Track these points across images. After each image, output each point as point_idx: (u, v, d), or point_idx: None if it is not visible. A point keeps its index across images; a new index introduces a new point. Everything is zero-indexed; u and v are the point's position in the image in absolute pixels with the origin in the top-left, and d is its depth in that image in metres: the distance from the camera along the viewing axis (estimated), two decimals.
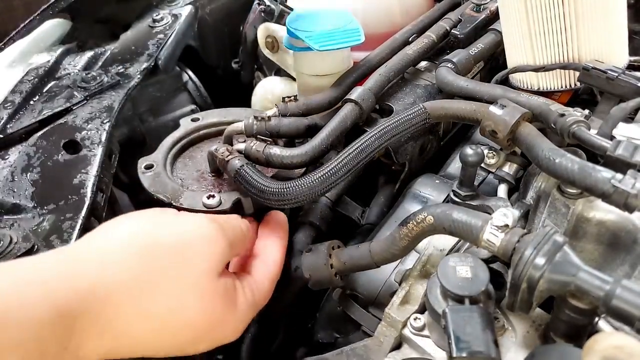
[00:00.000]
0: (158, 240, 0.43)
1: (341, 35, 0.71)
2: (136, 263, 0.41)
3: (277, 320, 0.80)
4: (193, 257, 0.44)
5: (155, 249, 0.42)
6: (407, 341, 0.52)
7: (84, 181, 0.63)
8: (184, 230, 0.45)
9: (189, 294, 0.44)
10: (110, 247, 0.42)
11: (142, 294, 0.41)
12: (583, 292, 0.41)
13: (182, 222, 0.46)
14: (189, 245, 0.44)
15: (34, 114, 0.72)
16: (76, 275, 0.40)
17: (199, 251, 0.45)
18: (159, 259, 0.42)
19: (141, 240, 0.43)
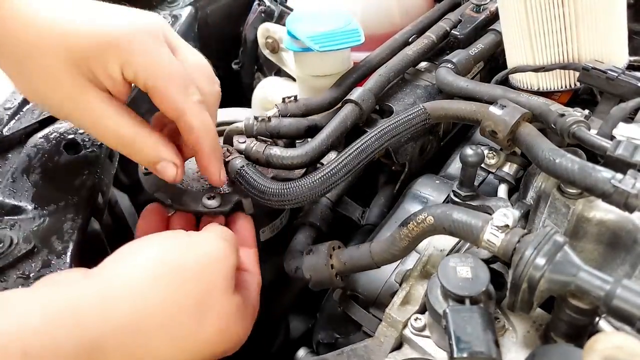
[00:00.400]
0: (181, 266, 0.44)
1: (341, 36, 0.71)
2: (163, 292, 0.43)
3: (277, 320, 0.80)
4: (212, 279, 0.45)
5: (179, 275, 0.44)
6: (408, 341, 0.52)
7: (84, 182, 0.63)
8: (202, 253, 0.46)
9: (209, 314, 0.45)
10: (138, 277, 0.43)
11: (170, 321, 0.43)
12: (583, 292, 0.41)
13: (198, 245, 0.47)
14: (207, 268, 0.45)
15: (34, 115, 0.72)
16: (108, 310, 0.40)
17: (217, 272, 0.46)
18: (183, 285, 0.44)
19: (166, 268, 0.43)
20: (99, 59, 0.45)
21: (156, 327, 0.42)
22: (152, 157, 0.52)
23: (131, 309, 0.41)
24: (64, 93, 0.47)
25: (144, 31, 0.47)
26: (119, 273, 0.43)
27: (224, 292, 0.46)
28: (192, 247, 0.46)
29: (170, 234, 0.48)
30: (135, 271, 0.43)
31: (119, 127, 0.49)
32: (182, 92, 0.49)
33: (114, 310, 0.40)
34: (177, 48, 0.53)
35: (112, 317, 0.40)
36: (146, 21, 0.49)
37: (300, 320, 0.84)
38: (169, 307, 0.43)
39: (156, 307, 0.42)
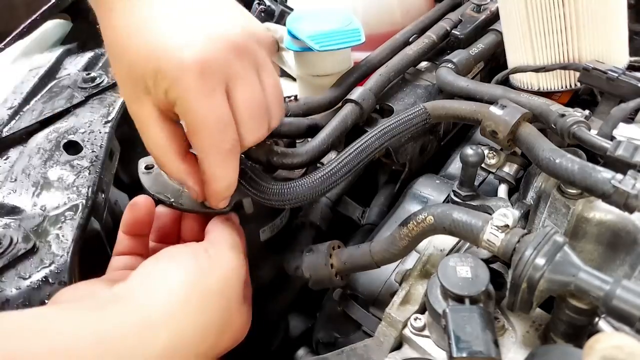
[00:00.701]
0: (206, 288, 0.45)
1: (341, 36, 0.71)
2: (193, 315, 0.44)
3: (277, 320, 0.80)
4: (232, 295, 0.48)
5: (205, 297, 0.45)
6: (408, 341, 0.52)
7: (84, 182, 0.63)
8: (222, 272, 0.47)
9: (228, 328, 0.48)
10: (173, 302, 0.43)
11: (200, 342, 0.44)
12: (583, 292, 0.41)
13: (217, 263, 0.48)
14: (227, 286, 0.47)
15: (35, 115, 0.72)
16: (148, 339, 0.41)
17: (235, 287, 0.48)
18: (210, 306, 0.45)
19: (196, 292, 0.45)
20: (151, 80, 0.46)
21: (188, 348, 0.43)
22: (176, 178, 0.54)
23: (169, 336, 0.42)
24: (126, 96, 0.49)
25: (198, 68, 0.44)
26: (155, 297, 0.43)
27: (240, 305, 0.49)
28: (213, 268, 0.47)
29: (189, 253, 0.48)
30: (170, 297, 0.43)
31: (154, 142, 0.50)
32: (208, 139, 0.47)
33: (154, 339, 0.41)
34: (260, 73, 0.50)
35: (153, 346, 0.41)
36: (211, 55, 0.45)
37: (300, 319, 0.84)
38: (199, 329, 0.44)
39: (188, 331, 0.43)
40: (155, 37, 0.45)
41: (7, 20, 1.70)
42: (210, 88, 0.45)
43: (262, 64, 0.50)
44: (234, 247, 0.51)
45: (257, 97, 0.49)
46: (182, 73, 0.44)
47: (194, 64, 0.44)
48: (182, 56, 0.44)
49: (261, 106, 0.49)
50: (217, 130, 0.47)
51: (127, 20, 0.47)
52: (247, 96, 0.48)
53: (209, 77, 0.45)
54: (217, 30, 0.46)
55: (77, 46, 0.92)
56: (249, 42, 0.48)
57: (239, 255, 0.50)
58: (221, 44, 0.46)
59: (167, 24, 0.46)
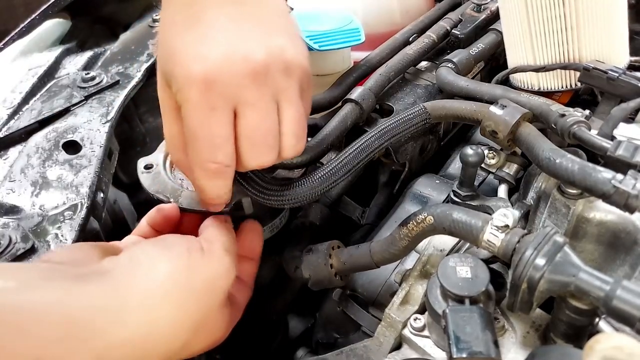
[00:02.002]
0: (189, 287, 0.45)
1: (341, 35, 0.71)
2: (170, 310, 0.43)
3: (276, 320, 0.80)
4: (213, 299, 0.47)
5: (186, 296, 0.45)
6: (407, 341, 0.52)
7: (83, 181, 0.63)
8: (208, 275, 0.47)
9: (203, 330, 0.47)
10: (152, 291, 0.43)
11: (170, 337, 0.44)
12: (583, 293, 0.41)
13: (209, 264, 0.47)
14: (211, 289, 0.47)
15: (34, 114, 0.72)
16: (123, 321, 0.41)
17: (218, 292, 0.48)
18: (188, 305, 0.45)
19: (177, 287, 0.44)
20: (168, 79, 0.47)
21: (159, 342, 0.43)
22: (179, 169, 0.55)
23: (138, 325, 0.41)
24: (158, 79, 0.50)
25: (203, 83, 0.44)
26: (136, 283, 0.43)
27: (219, 309, 0.49)
28: (202, 267, 0.47)
29: (185, 247, 0.47)
30: (151, 285, 0.43)
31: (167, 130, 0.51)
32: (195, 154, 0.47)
33: (123, 325, 0.41)
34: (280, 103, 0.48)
35: (119, 333, 0.40)
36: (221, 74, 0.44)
37: (300, 320, 0.84)
38: (174, 324, 0.44)
39: (163, 324, 0.43)
40: (179, 42, 0.46)
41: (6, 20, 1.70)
42: (211, 106, 0.44)
43: (284, 93, 0.47)
44: (228, 250, 0.50)
45: (266, 126, 0.47)
46: (187, 83, 0.44)
47: (200, 78, 0.44)
48: (191, 67, 0.44)
49: (268, 135, 0.47)
50: (205, 147, 0.46)
51: (171, 16, 0.48)
52: (253, 124, 0.46)
53: (213, 95, 0.44)
54: (238, 50, 0.45)
55: (76, 45, 0.92)
56: (272, 68, 0.45)
57: (231, 258, 0.50)
58: (237, 66, 0.44)
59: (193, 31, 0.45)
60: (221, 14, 0.46)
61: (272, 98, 0.47)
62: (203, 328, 0.47)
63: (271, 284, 0.75)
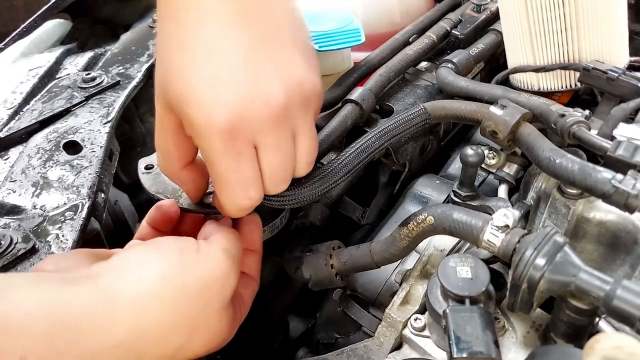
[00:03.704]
0: (183, 287, 0.44)
1: (341, 36, 0.71)
2: (162, 311, 0.43)
3: (277, 320, 0.80)
4: (210, 301, 0.45)
5: (179, 296, 0.43)
6: (408, 341, 0.52)
7: (84, 182, 0.63)
8: (204, 275, 0.45)
9: (200, 332, 0.46)
10: (143, 292, 0.42)
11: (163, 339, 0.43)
12: (583, 293, 0.41)
13: (203, 264, 0.46)
14: (207, 290, 0.45)
15: (34, 115, 0.72)
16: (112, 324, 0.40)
17: (215, 294, 0.46)
18: (181, 306, 0.44)
19: (169, 288, 0.43)
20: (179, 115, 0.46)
21: (149, 344, 0.42)
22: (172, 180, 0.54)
23: (128, 329, 0.41)
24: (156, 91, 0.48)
25: (227, 132, 0.43)
26: (125, 285, 0.42)
27: (218, 312, 0.47)
28: (196, 266, 0.45)
29: (178, 248, 0.46)
30: (141, 287, 0.42)
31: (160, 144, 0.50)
32: (228, 196, 0.48)
33: (118, 325, 0.40)
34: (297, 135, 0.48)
35: (115, 331, 0.40)
36: (241, 119, 0.43)
37: (300, 320, 0.84)
38: (165, 326, 0.43)
39: (153, 325, 0.42)
40: (189, 85, 0.43)
41: (6, 21, 1.70)
42: (237, 152, 0.44)
43: (302, 127, 0.47)
44: (229, 250, 0.49)
45: (285, 164, 0.47)
46: (209, 133, 0.43)
47: (222, 127, 0.42)
48: (212, 116, 0.42)
49: (287, 171, 0.48)
50: (238, 190, 0.47)
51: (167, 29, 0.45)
52: (275, 165, 0.46)
53: (236, 141, 0.44)
54: (252, 91, 0.43)
55: (77, 46, 0.92)
56: (289, 106, 0.44)
57: (231, 260, 0.48)
58: (254, 109, 0.43)
59: (203, 73, 0.43)
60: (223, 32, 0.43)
61: (291, 133, 0.46)
62: (200, 330, 0.46)
63: (272, 285, 0.75)
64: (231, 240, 0.50)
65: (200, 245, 0.47)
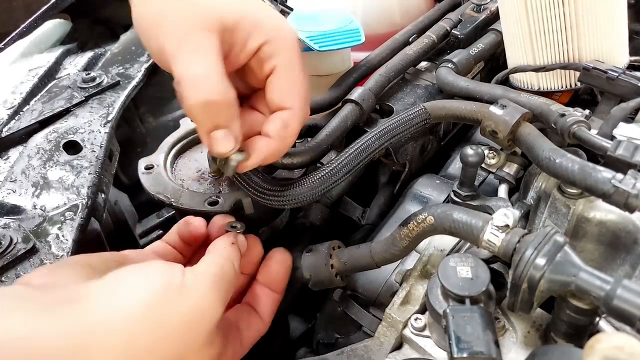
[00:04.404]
0: (166, 328, 0.42)
1: (341, 36, 0.71)
2: (142, 354, 0.41)
3: (277, 320, 0.80)
4: (193, 336, 0.44)
5: (162, 338, 0.42)
6: (408, 341, 0.52)
7: (84, 182, 0.63)
8: (189, 314, 0.44)
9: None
10: (120, 333, 0.41)
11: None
12: (584, 292, 0.41)
13: (188, 301, 0.44)
14: (190, 326, 0.44)
15: (34, 115, 0.72)
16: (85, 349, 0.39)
17: (199, 329, 0.44)
18: (164, 346, 0.42)
19: (150, 329, 0.41)
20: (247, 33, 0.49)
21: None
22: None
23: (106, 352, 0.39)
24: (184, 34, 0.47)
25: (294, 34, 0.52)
26: (104, 318, 0.41)
27: (201, 348, 0.45)
28: (179, 303, 0.43)
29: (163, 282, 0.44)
30: (118, 325, 0.41)
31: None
32: (296, 90, 0.51)
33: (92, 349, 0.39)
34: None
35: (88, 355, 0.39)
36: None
37: (300, 320, 0.84)
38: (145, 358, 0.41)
39: (130, 356, 0.40)
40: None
41: (6, 21, 1.70)
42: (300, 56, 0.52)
43: None
44: (218, 282, 0.46)
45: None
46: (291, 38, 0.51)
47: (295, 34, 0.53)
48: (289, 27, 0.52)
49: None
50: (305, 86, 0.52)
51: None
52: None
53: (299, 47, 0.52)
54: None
55: (77, 46, 0.92)
56: None
57: (215, 292, 0.46)
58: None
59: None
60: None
61: None
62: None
63: None
64: (226, 266, 0.48)
65: (187, 278, 0.45)
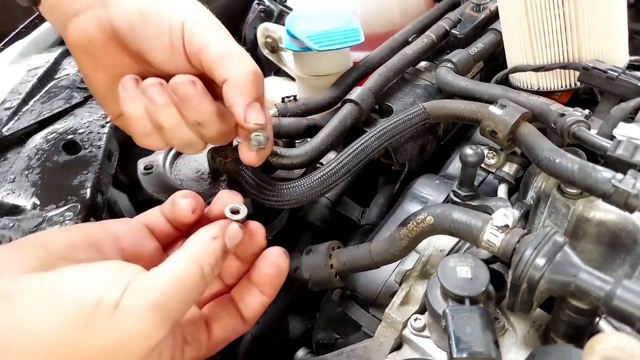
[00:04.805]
0: (89, 346, 0.37)
1: (341, 36, 0.71)
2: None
3: (277, 321, 0.80)
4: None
5: (82, 355, 0.37)
6: (408, 342, 0.52)
7: (83, 182, 0.63)
8: (117, 337, 0.38)
9: None
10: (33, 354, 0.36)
11: None
12: (583, 293, 0.41)
13: (117, 325, 0.38)
14: (119, 353, 0.38)
15: (34, 115, 0.72)
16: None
17: (131, 354, 0.39)
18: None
19: (69, 344, 0.37)
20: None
21: None
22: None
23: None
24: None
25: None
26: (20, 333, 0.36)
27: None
28: (110, 322, 0.38)
29: (98, 293, 0.38)
30: (32, 346, 0.36)
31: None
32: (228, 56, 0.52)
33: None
34: None
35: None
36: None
37: (300, 320, 0.83)
38: None
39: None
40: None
41: (5, 21, 1.69)
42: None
43: None
44: (164, 301, 0.40)
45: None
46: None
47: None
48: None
49: None
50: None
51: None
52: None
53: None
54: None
55: None
56: None
57: (161, 314, 0.39)
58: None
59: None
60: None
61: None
62: None
63: None
64: (184, 275, 0.42)
65: (127, 293, 0.39)
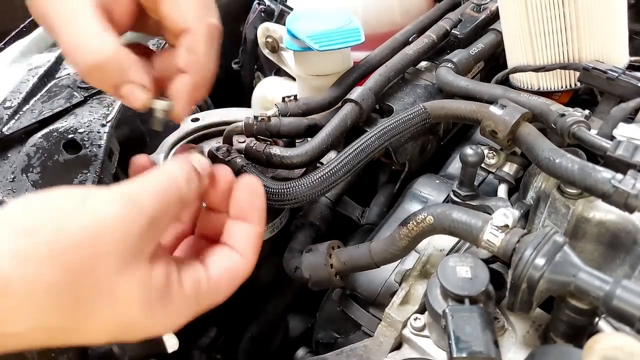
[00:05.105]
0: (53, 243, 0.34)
1: (341, 35, 0.71)
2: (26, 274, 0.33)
3: (277, 320, 0.80)
4: (102, 255, 0.35)
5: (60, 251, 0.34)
6: (407, 341, 0.52)
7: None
8: (90, 222, 0.35)
9: (102, 298, 0.35)
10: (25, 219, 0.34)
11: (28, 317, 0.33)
12: (583, 293, 0.41)
13: (89, 209, 0.35)
14: (96, 240, 0.35)
15: (34, 114, 0.72)
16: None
17: (109, 244, 0.35)
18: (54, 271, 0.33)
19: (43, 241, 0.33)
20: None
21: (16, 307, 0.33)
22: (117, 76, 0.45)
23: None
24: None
25: None
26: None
27: (120, 270, 0.35)
28: (80, 214, 0.35)
29: (62, 196, 0.36)
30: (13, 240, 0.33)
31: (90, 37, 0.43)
32: (199, 8, 0.45)
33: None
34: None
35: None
36: None
37: (300, 320, 0.84)
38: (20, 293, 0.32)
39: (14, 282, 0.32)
40: None
41: (6, 20, 1.69)
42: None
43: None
44: (133, 203, 0.37)
45: None
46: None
47: None
48: None
49: None
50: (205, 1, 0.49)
51: None
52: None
53: None
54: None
55: None
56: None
57: (134, 210, 0.36)
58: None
59: None
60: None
61: None
62: (105, 295, 0.35)
63: (271, 285, 0.75)
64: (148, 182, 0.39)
65: (96, 190, 0.37)
